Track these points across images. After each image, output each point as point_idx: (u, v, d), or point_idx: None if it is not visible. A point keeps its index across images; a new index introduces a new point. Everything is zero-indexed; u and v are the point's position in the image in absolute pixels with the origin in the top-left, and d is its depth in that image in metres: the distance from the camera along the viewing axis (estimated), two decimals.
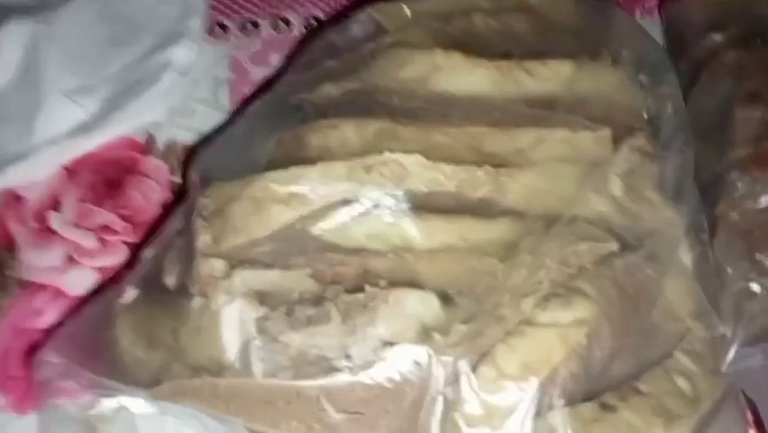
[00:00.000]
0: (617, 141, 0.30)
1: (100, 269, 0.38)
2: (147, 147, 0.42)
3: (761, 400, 0.27)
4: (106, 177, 0.41)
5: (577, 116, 0.30)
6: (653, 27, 0.41)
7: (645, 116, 0.32)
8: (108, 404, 0.30)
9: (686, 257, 0.30)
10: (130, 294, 0.30)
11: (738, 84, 0.31)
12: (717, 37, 0.34)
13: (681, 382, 0.26)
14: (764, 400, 0.27)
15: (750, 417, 0.29)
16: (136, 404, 0.30)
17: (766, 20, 0.34)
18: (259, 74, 0.43)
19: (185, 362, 0.27)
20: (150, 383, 0.27)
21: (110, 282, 0.32)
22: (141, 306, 0.29)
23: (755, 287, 0.27)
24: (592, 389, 0.25)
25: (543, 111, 0.30)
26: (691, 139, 0.32)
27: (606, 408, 0.25)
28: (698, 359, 0.27)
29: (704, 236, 0.30)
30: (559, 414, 0.24)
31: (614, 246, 0.28)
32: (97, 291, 0.35)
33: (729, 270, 0.28)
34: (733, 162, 0.30)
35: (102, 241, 0.39)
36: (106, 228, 0.40)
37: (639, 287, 0.28)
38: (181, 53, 0.42)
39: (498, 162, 0.29)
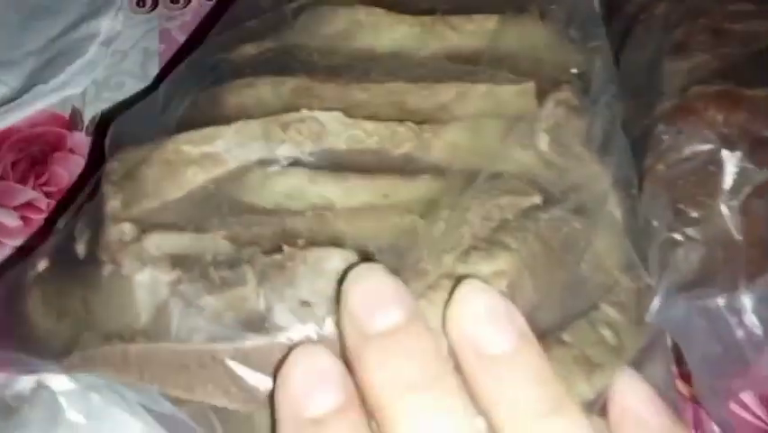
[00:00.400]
0: (543, 95, 0.30)
1: (23, 248, 0.37)
2: (73, 122, 0.41)
3: (686, 346, 0.27)
4: (30, 154, 0.40)
5: (501, 71, 0.30)
6: None
7: (575, 72, 0.32)
8: (26, 382, 0.30)
9: (616, 211, 0.30)
10: (40, 266, 0.29)
11: (666, 35, 0.31)
12: None
13: (606, 333, 0.26)
14: (688, 345, 0.27)
15: (675, 369, 0.29)
16: (56, 381, 0.29)
17: None
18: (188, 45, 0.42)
19: (96, 330, 0.26)
20: (62, 355, 0.26)
21: (22, 256, 0.31)
22: (52, 277, 0.28)
23: (678, 237, 0.27)
24: None
25: (466, 66, 0.30)
26: (620, 93, 0.32)
27: None
28: (623, 310, 0.27)
29: (633, 191, 0.30)
30: None
31: (537, 199, 0.27)
32: (9, 265, 0.34)
33: (655, 222, 0.28)
34: (660, 115, 0.29)
35: (25, 219, 0.38)
36: (30, 206, 0.38)
37: (565, 240, 0.27)
38: (107, 24, 0.41)
39: (420, 119, 0.29)
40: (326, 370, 0.22)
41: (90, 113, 0.41)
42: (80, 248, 0.28)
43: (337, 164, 0.28)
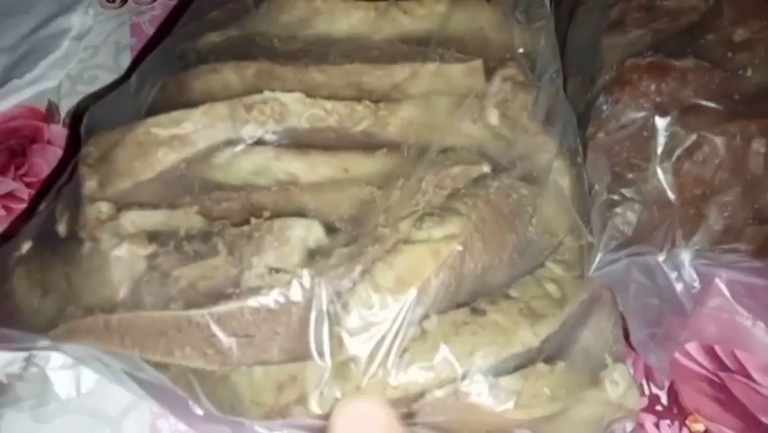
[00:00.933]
0: (490, 73, 0.32)
1: (5, 236, 0.39)
2: (49, 115, 0.42)
3: (624, 299, 0.29)
4: (9, 146, 0.42)
5: (450, 51, 0.32)
6: None
7: (522, 51, 0.34)
8: (16, 360, 0.31)
9: (563, 179, 0.32)
10: (24, 246, 0.30)
11: (605, 13, 0.33)
12: None
13: (550, 287, 0.28)
14: (626, 297, 0.29)
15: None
16: (45, 358, 0.31)
17: None
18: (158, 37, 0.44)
19: (79, 303, 0.28)
20: (48, 328, 0.28)
21: (5, 240, 0.33)
22: (35, 256, 0.30)
23: (617, 197, 0.29)
24: (467, 298, 0.27)
25: (418, 47, 0.32)
26: (568, 69, 0.35)
27: (476, 312, 0.27)
28: (567, 266, 0.29)
29: (578, 159, 0.32)
30: (433, 320, 0.26)
31: (486, 168, 0.29)
32: None
33: (597, 185, 0.30)
34: (600, 87, 0.32)
35: (7, 209, 0.40)
36: (12, 196, 0.40)
37: (514, 206, 0.30)
38: (78, 20, 0.43)
39: (376, 98, 0.31)
40: None
41: (66, 106, 0.42)
42: (61, 228, 0.30)
43: (300, 142, 0.30)
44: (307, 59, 0.31)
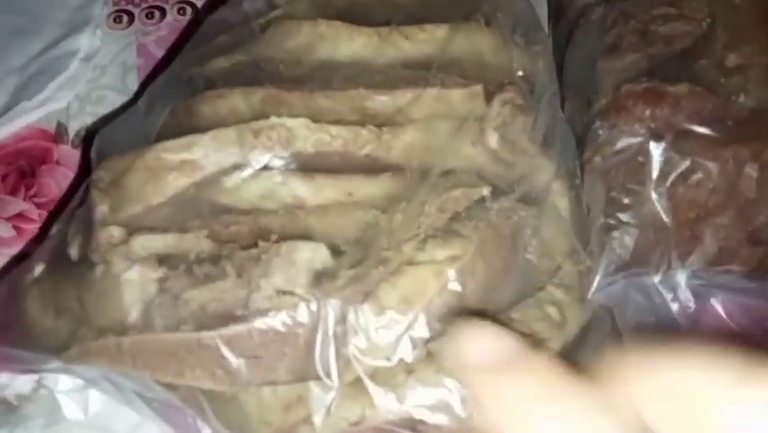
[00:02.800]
0: (490, 96, 0.33)
1: (17, 256, 0.39)
2: (58, 136, 0.43)
3: (621, 319, 0.29)
4: (19, 167, 0.42)
5: (451, 75, 0.32)
6: None
7: (521, 74, 0.35)
8: (26, 382, 0.32)
9: (561, 201, 0.33)
10: (37, 269, 0.31)
11: (601, 38, 0.34)
12: None
13: (551, 310, 0.29)
14: (624, 318, 0.29)
15: None
16: (55, 380, 0.32)
17: None
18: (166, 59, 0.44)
19: (91, 326, 0.29)
20: (61, 350, 0.29)
21: (19, 261, 0.34)
22: (48, 278, 0.31)
23: (612, 222, 0.30)
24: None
25: (419, 72, 0.33)
26: (566, 92, 0.35)
27: None
28: (567, 290, 0.30)
29: (576, 181, 0.33)
30: (438, 341, 0.27)
31: (486, 191, 0.30)
32: (6, 270, 0.37)
33: (594, 209, 0.31)
34: (596, 112, 0.32)
35: (18, 229, 0.40)
36: (22, 216, 0.41)
37: (514, 227, 0.30)
38: (86, 41, 0.43)
39: (380, 122, 0.32)
40: None
41: (75, 126, 0.43)
42: (73, 251, 0.30)
43: (306, 166, 0.31)
44: (312, 85, 0.32)
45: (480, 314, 0.28)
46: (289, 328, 0.27)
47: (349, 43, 0.33)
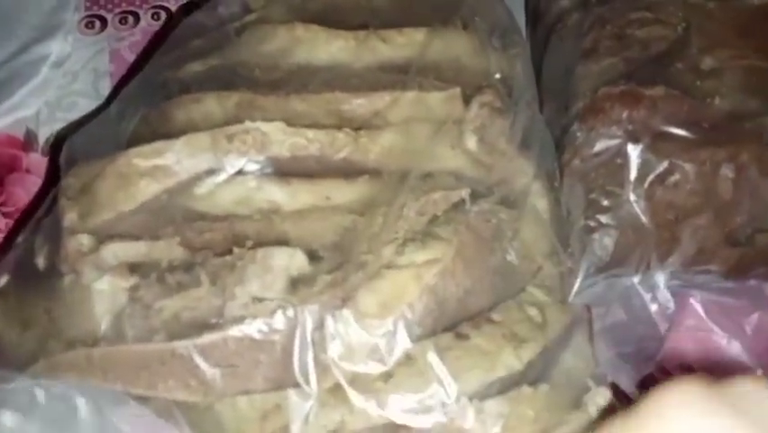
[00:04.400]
0: (468, 99, 0.32)
1: None
2: (27, 143, 0.42)
3: (597, 319, 0.29)
4: None
5: (429, 78, 0.32)
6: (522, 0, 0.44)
7: (499, 77, 0.34)
8: None
9: (540, 203, 0.32)
10: (1, 281, 0.30)
11: (578, 42, 0.34)
12: (564, 2, 0.37)
13: (532, 312, 0.28)
14: (600, 318, 0.29)
15: None
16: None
17: None
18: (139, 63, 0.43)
19: (60, 338, 0.27)
20: (27, 364, 0.27)
21: None
22: (13, 290, 0.29)
23: (593, 223, 0.30)
24: (449, 322, 0.27)
25: (397, 75, 0.32)
26: (544, 95, 0.35)
27: (460, 336, 0.27)
28: (548, 291, 0.29)
29: (555, 183, 0.32)
30: (417, 346, 0.26)
31: (465, 193, 0.30)
32: None
33: (573, 211, 0.31)
34: (574, 114, 0.32)
35: None
36: None
37: (494, 230, 0.30)
38: (57, 46, 0.42)
39: (357, 125, 0.31)
40: None
41: (45, 133, 0.42)
42: (40, 261, 0.29)
43: (281, 170, 0.30)
44: (288, 89, 0.31)
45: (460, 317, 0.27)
46: (266, 336, 0.26)
47: (326, 47, 0.33)
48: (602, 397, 0.26)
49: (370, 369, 0.26)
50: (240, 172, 0.30)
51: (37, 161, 0.41)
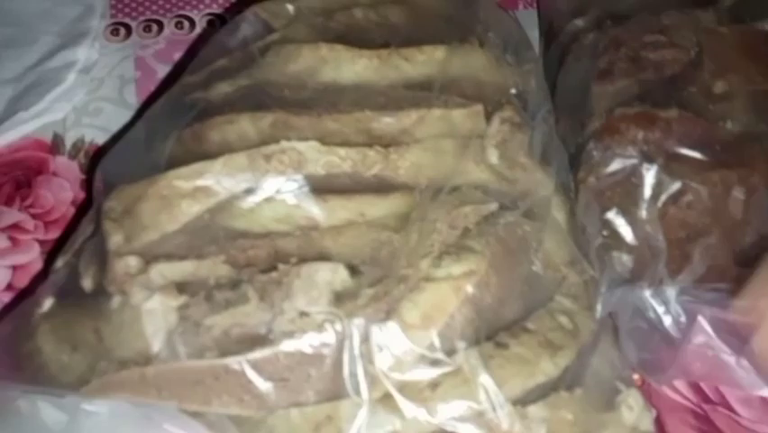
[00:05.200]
0: (488, 115, 0.32)
1: (13, 267, 0.36)
2: (54, 147, 0.40)
3: (622, 325, 0.28)
4: (15, 178, 0.39)
5: (451, 95, 0.31)
6: (534, 18, 0.42)
7: (514, 91, 0.34)
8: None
9: (558, 213, 0.33)
10: (46, 304, 0.28)
11: (594, 63, 0.33)
12: (579, 22, 0.37)
13: (563, 319, 0.28)
14: (622, 323, 0.28)
15: None
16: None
17: (616, 2, 0.36)
18: (164, 72, 0.42)
19: (111, 358, 0.27)
20: (79, 385, 0.26)
21: (22, 297, 0.29)
22: (60, 313, 0.28)
23: (610, 241, 0.29)
24: (487, 332, 0.27)
25: (422, 93, 0.31)
26: (557, 112, 0.34)
27: (499, 345, 0.27)
28: (575, 299, 0.29)
29: (571, 195, 0.32)
30: (462, 355, 0.26)
31: (494, 206, 0.28)
32: (10, 308, 0.32)
33: (589, 228, 0.30)
34: (590, 133, 0.32)
35: (13, 240, 0.37)
36: (17, 227, 0.38)
37: (520, 241, 0.29)
38: (84, 52, 0.40)
39: (386, 142, 0.30)
40: None
41: (71, 137, 0.39)
42: (86, 283, 0.28)
43: (317, 188, 0.29)
44: (319, 109, 0.30)
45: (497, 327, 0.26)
46: (316, 349, 0.26)
47: (351, 66, 0.32)
48: (634, 398, 0.26)
49: (418, 377, 0.25)
50: (278, 191, 0.28)
51: (64, 165, 0.40)
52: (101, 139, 0.40)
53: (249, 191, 0.28)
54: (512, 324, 0.27)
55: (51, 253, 0.36)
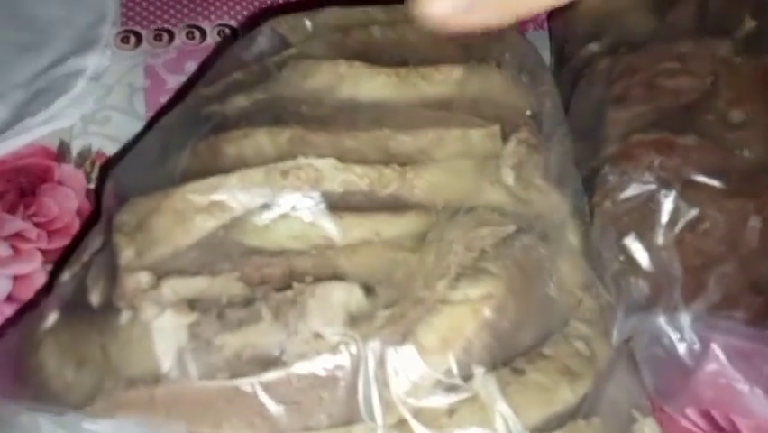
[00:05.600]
0: (505, 136, 0.30)
1: (14, 277, 0.34)
2: (60, 155, 0.37)
3: (639, 357, 0.27)
4: (19, 185, 0.37)
5: (470, 115, 0.30)
6: (544, 40, 0.40)
7: (529, 113, 0.32)
8: None
9: (573, 236, 0.32)
10: (50, 318, 0.26)
11: (608, 88, 0.32)
12: (593, 47, 0.36)
13: (579, 345, 0.27)
14: (642, 357, 0.27)
15: None
16: None
17: (631, 29, 0.35)
18: (174, 81, 0.40)
19: (119, 376, 0.25)
20: (84, 403, 0.24)
21: (25, 309, 0.27)
22: (65, 328, 0.27)
23: (627, 267, 0.28)
24: (504, 357, 0.26)
25: (440, 112, 0.30)
26: (568, 131, 0.32)
27: (516, 372, 0.25)
28: (591, 324, 0.28)
29: (586, 218, 0.30)
30: (479, 380, 0.24)
31: (511, 229, 0.27)
32: (12, 320, 0.30)
33: (605, 253, 0.28)
34: (605, 158, 0.31)
35: (15, 249, 0.35)
36: (19, 236, 0.36)
37: (535, 264, 0.28)
38: (94, 60, 0.38)
39: (403, 161, 0.29)
40: None
41: (78, 145, 0.37)
42: (94, 298, 0.26)
43: (333, 206, 0.27)
44: (338, 125, 0.28)
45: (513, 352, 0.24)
46: (330, 372, 0.24)
47: (369, 84, 0.31)
48: (650, 428, 0.24)
49: (435, 404, 0.23)
50: (294, 208, 0.26)
51: (69, 173, 0.38)
52: (108, 147, 0.38)
53: (264, 207, 0.27)
54: (528, 349, 0.26)
55: (56, 264, 0.34)
